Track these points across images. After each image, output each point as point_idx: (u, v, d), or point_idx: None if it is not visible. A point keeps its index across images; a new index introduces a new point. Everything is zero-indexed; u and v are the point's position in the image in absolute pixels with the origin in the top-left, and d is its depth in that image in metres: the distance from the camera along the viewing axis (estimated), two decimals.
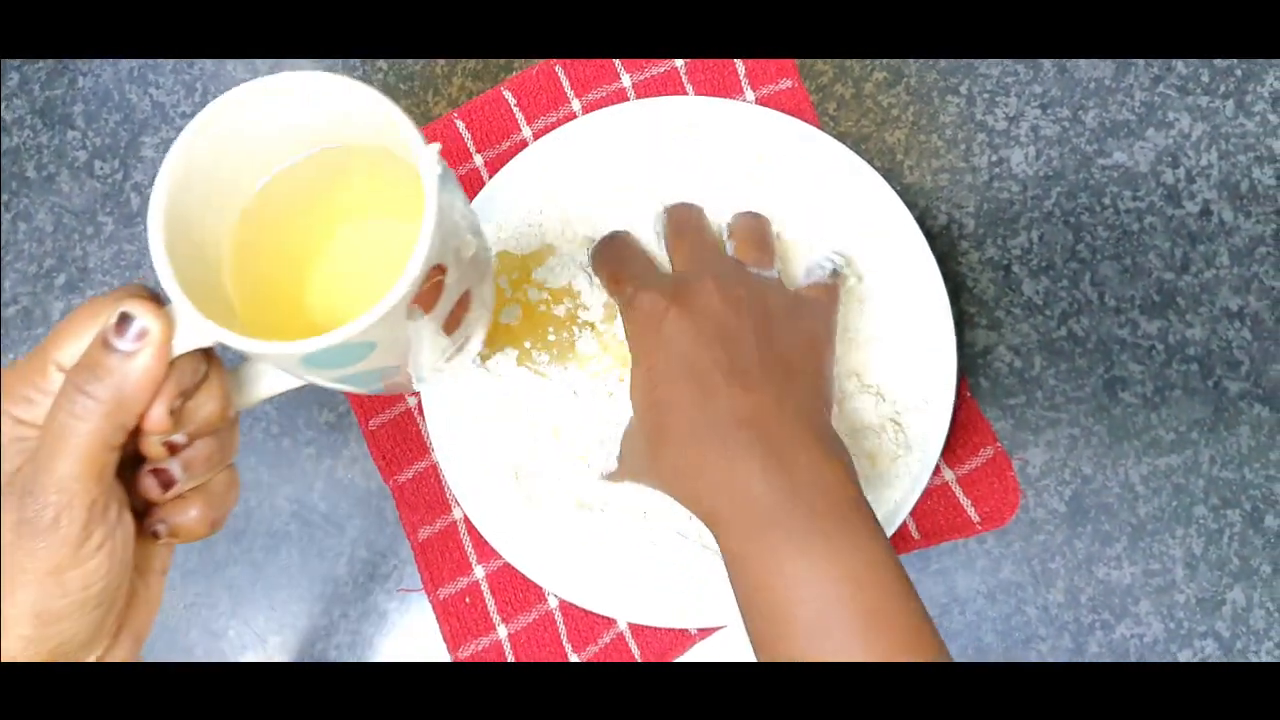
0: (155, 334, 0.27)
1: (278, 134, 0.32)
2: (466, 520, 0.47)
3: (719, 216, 0.45)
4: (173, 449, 0.30)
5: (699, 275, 0.40)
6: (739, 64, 0.49)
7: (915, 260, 0.45)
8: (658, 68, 0.49)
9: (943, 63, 0.49)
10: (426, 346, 0.32)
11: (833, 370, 0.41)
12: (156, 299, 0.29)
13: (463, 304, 0.33)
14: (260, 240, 0.33)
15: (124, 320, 0.27)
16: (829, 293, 0.43)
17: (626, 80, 0.49)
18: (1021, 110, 0.48)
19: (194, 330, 0.28)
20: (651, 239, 0.45)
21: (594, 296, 0.45)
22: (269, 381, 0.32)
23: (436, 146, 0.29)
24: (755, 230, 0.44)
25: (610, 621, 0.46)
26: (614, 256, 0.43)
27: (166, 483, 0.30)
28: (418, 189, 0.28)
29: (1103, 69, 0.48)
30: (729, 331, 0.38)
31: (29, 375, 0.28)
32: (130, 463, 0.30)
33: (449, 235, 0.30)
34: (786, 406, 0.36)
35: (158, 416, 0.28)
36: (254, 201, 0.33)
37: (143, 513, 0.30)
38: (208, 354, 0.30)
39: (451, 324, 0.33)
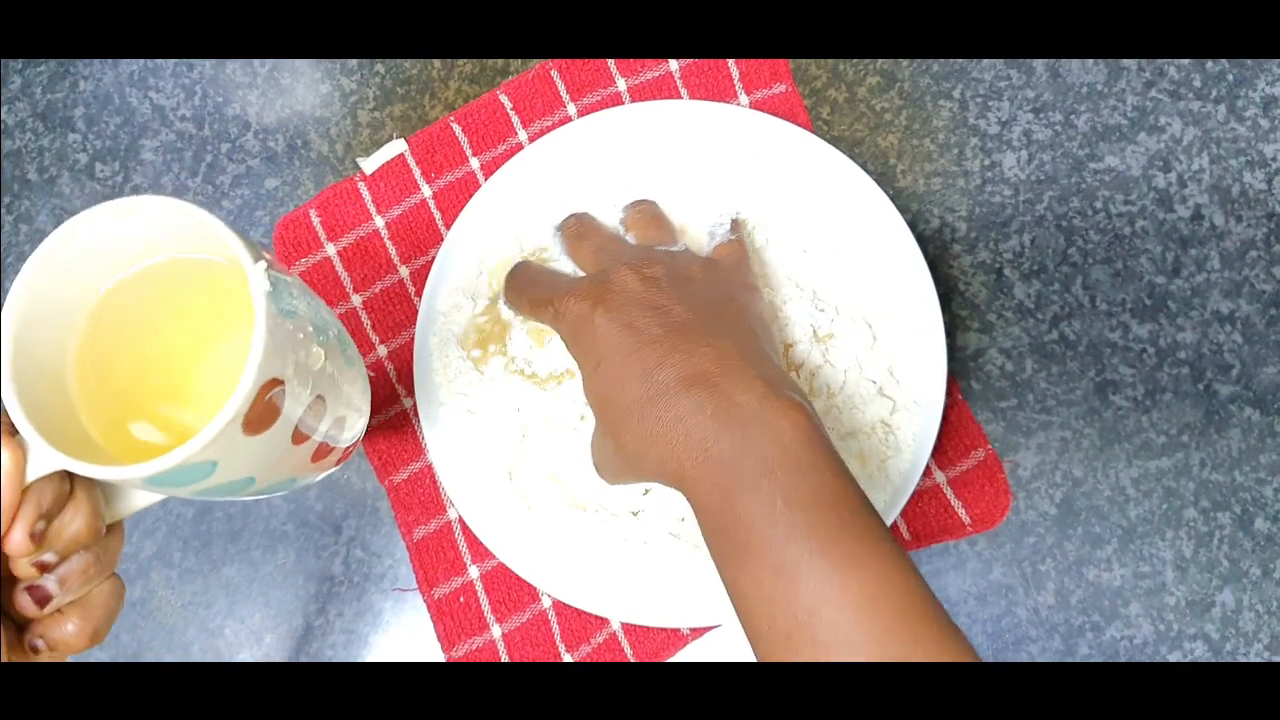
0: (3, 463, 0.28)
1: (116, 254, 0.32)
2: (461, 521, 0.47)
3: (709, 219, 0.46)
4: (44, 567, 0.30)
5: (613, 267, 0.40)
6: (733, 68, 0.49)
7: (907, 264, 0.45)
8: (652, 71, 0.49)
9: (935, 67, 0.49)
10: (278, 458, 0.32)
11: (764, 315, 0.42)
12: (11, 427, 0.29)
13: (314, 411, 0.33)
14: (106, 354, 0.33)
15: None
16: (737, 246, 0.44)
17: (622, 84, 0.49)
18: (1014, 114, 0.49)
19: (43, 457, 0.28)
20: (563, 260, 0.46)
21: None
22: (140, 494, 0.32)
23: (263, 265, 0.29)
24: (647, 213, 0.45)
25: (603, 621, 0.47)
26: (526, 282, 0.43)
27: (41, 599, 0.30)
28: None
29: (1095, 73, 0.49)
30: (656, 306, 0.38)
31: None
32: (8, 579, 0.30)
33: (287, 350, 0.30)
34: (729, 359, 0.36)
35: (17, 541, 0.28)
36: (93, 319, 0.33)
37: (23, 627, 0.31)
38: (71, 474, 0.29)
39: (302, 434, 0.32)
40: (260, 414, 0.29)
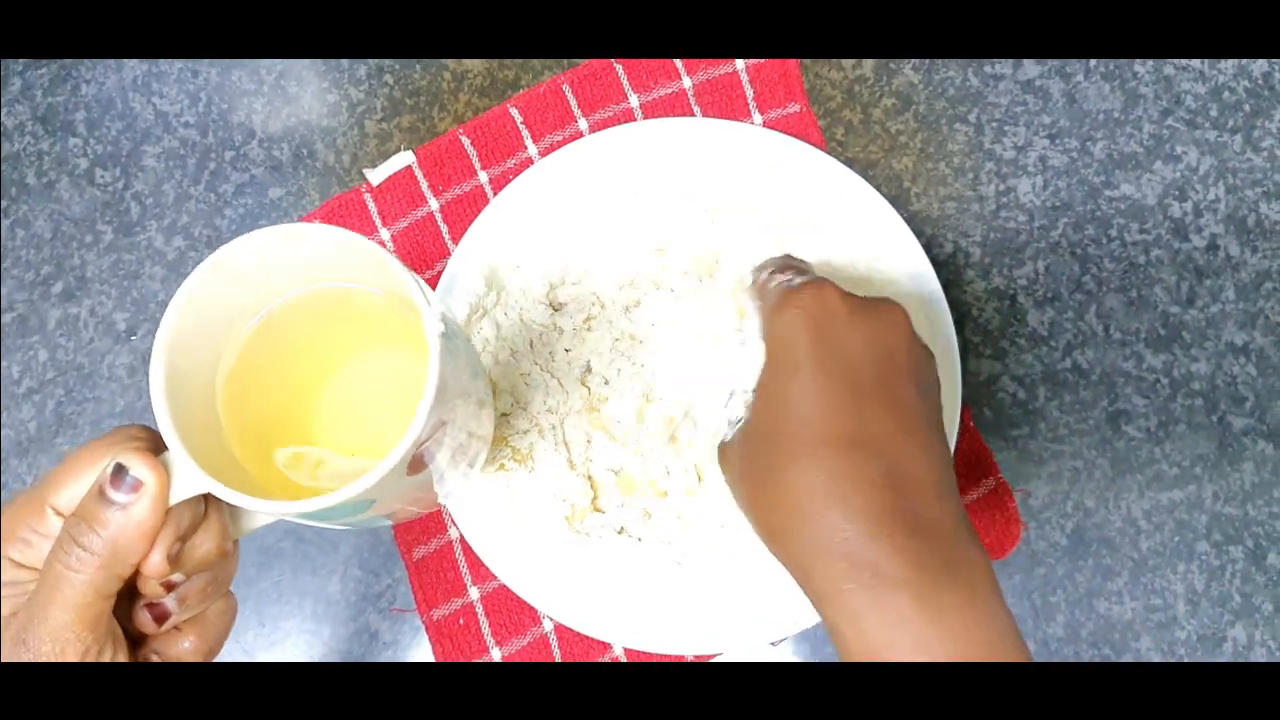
0: (151, 486, 0.27)
1: (273, 279, 0.32)
2: (462, 540, 0.46)
3: (728, 239, 0.45)
4: (169, 586, 0.30)
5: (888, 300, 0.36)
6: (747, 86, 0.48)
7: (921, 288, 0.44)
8: (665, 88, 0.49)
9: (951, 90, 0.49)
10: (421, 496, 0.32)
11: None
12: (154, 444, 0.28)
13: (463, 449, 0.33)
14: (254, 377, 0.33)
15: (119, 471, 0.27)
16: (923, 349, 0.37)
17: (634, 100, 0.49)
18: (1030, 140, 0.48)
19: (190, 479, 0.28)
20: None
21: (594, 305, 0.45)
22: (261, 515, 0.32)
23: (438, 308, 0.29)
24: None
25: (605, 646, 0.46)
26: (796, 261, 0.40)
27: (160, 617, 0.30)
28: (414, 322, 0.29)
29: (1111, 100, 0.48)
30: (899, 373, 0.34)
31: (26, 518, 0.28)
32: (126, 593, 0.29)
33: (453, 391, 0.30)
34: (942, 479, 0.33)
35: (156, 563, 0.28)
36: (249, 341, 0.33)
37: (137, 641, 0.31)
38: (206, 494, 0.29)
39: (450, 471, 0.33)
40: (422, 454, 0.29)
